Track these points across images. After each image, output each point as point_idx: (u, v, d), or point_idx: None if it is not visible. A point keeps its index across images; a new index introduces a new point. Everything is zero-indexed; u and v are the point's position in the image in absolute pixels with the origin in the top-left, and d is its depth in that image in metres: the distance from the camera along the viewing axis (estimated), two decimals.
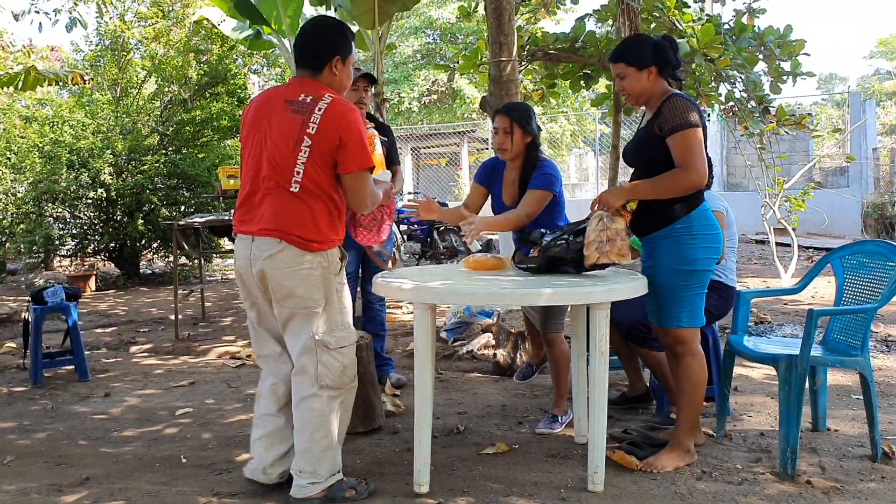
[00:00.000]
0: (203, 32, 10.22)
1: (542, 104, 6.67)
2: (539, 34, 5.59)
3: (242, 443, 3.20)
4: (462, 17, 6.65)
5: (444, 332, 5.25)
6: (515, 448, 3.12)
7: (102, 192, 9.11)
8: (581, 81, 5.70)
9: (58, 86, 6.85)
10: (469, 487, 2.71)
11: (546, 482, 2.74)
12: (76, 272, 10.09)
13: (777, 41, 5.05)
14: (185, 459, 3.10)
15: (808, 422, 3.25)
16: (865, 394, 2.91)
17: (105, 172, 9.04)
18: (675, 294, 2.77)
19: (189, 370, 4.85)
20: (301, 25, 2.65)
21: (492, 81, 4.49)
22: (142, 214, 9.29)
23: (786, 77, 5.18)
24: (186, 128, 10.03)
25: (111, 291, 9.24)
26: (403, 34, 21.58)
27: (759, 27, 5.16)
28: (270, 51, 10.12)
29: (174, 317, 6.12)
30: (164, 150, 9.85)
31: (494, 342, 4.81)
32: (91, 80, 9.77)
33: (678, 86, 2.87)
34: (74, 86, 7.37)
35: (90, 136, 9.36)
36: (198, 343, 5.64)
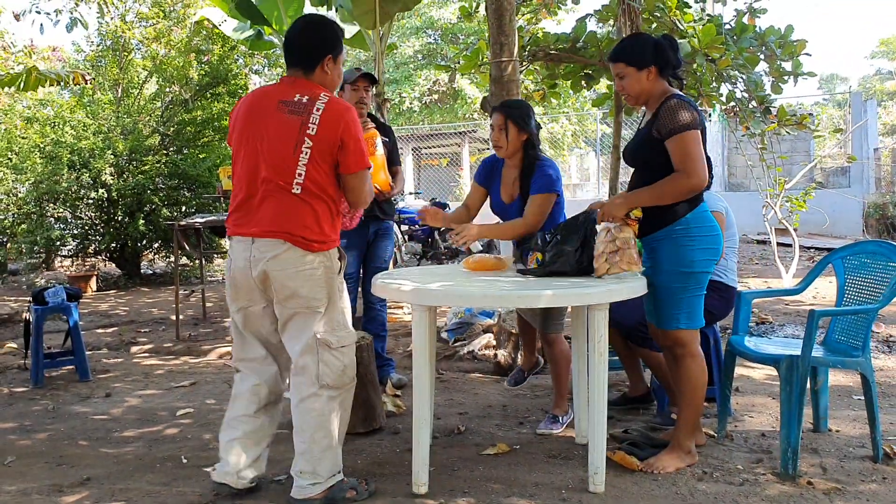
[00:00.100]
0: (204, 33, 10.23)
1: (544, 104, 6.67)
2: (540, 34, 5.59)
3: None
4: (463, 18, 6.65)
5: (445, 333, 5.25)
6: (516, 448, 3.12)
7: (103, 193, 9.12)
8: (582, 82, 5.70)
9: (59, 86, 6.85)
10: (470, 488, 2.71)
11: (547, 483, 2.74)
12: (77, 272, 10.09)
13: (778, 41, 5.04)
14: (186, 460, 3.10)
15: (810, 422, 3.25)
16: (867, 394, 2.91)
17: (106, 173, 9.05)
18: (674, 295, 2.77)
19: (190, 370, 4.85)
20: (290, 25, 2.64)
21: (493, 82, 4.49)
22: (143, 215, 9.29)
23: (787, 77, 5.18)
24: (187, 128, 10.03)
25: (112, 292, 9.25)
26: (404, 34, 21.57)
27: (761, 27, 5.15)
28: (271, 51, 10.13)
29: (175, 317, 6.12)
30: (166, 151, 9.86)
31: (495, 343, 4.81)
32: (92, 81, 9.77)
33: (679, 85, 2.86)
34: (76, 86, 7.37)
35: (91, 137, 9.36)
36: (199, 343, 5.64)
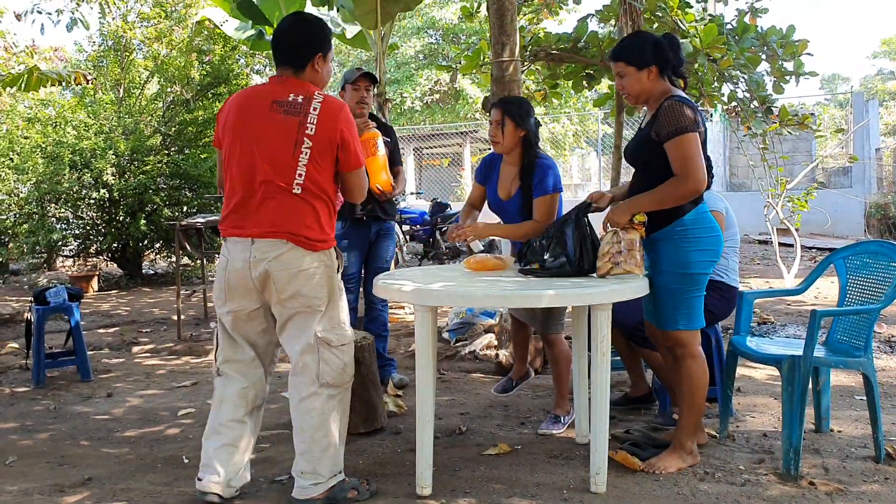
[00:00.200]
0: (205, 33, 10.23)
1: (545, 104, 6.66)
2: (541, 34, 5.59)
3: None
4: (464, 18, 6.64)
5: (447, 333, 5.25)
6: (518, 449, 3.12)
7: (105, 193, 9.13)
8: (583, 82, 5.70)
9: (60, 86, 6.85)
10: (471, 488, 2.71)
11: (548, 483, 2.74)
12: (79, 272, 10.10)
13: (780, 41, 5.03)
14: (188, 460, 3.09)
15: (811, 423, 3.24)
16: (869, 395, 2.91)
17: (108, 173, 9.05)
18: (673, 296, 2.76)
19: (191, 370, 4.85)
20: (279, 23, 2.63)
21: (494, 82, 4.48)
22: (144, 215, 9.29)
23: (789, 77, 5.17)
24: (189, 128, 10.03)
25: (114, 292, 9.25)
26: (406, 34, 21.58)
27: (762, 27, 5.14)
28: (272, 51, 10.14)
29: (176, 317, 6.12)
30: (167, 151, 9.86)
31: (497, 343, 4.81)
32: (93, 81, 9.77)
33: (683, 84, 2.85)
34: (77, 86, 7.37)
35: (93, 137, 9.37)
36: (200, 343, 5.65)
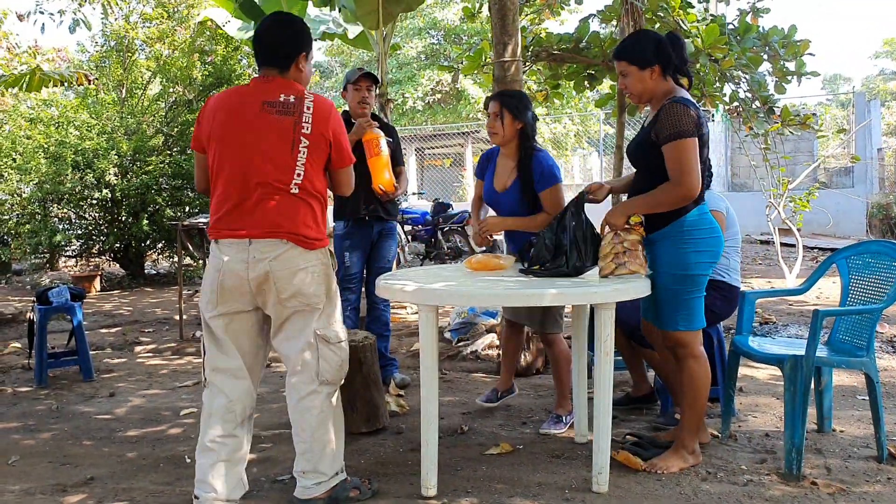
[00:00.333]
0: (208, 33, 10.24)
1: (547, 105, 6.67)
2: (543, 35, 5.59)
3: None
4: (466, 18, 6.65)
5: (449, 333, 5.26)
6: (519, 448, 3.12)
7: (107, 193, 9.14)
8: (585, 82, 5.70)
9: (63, 87, 6.86)
10: (473, 488, 2.71)
11: (550, 483, 2.74)
12: (81, 272, 10.11)
13: (781, 41, 5.03)
14: (190, 459, 3.09)
15: (814, 423, 3.24)
16: (871, 394, 2.91)
17: (110, 173, 9.07)
18: (672, 297, 2.75)
19: (193, 370, 4.85)
20: (260, 23, 2.63)
21: (496, 82, 4.48)
22: (146, 215, 9.31)
23: (790, 77, 5.17)
24: (191, 128, 10.03)
25: (116, 292, 9.27)
26: (408, 35, 21.58)
27: (764, 27, 5.14)
28: None
29: (178, 317, 6.13)
30: (169, 151, 9.87)
31: (498, 342, 4.81)
32: (95, 81, 9.79)
33: (688, 83, 2.85)
34: (79, 86, 7.37)
35: (95, 137, 9.38)
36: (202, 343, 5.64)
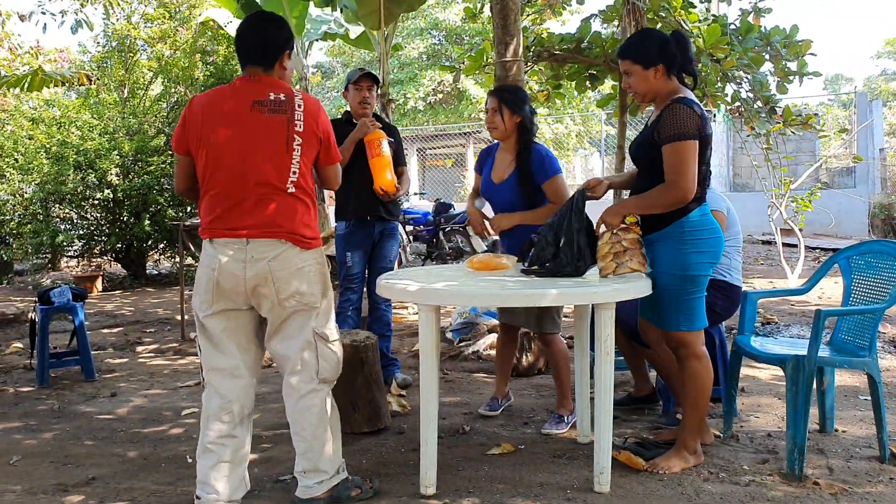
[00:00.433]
0: (209, 33, 10.25)
1: (548, 105, 6.67)
2: (545, 35, 5.59)
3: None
4: (468, 19, 6.65)
5: (450, 333, 5.25)
6: (521, 448, 3.12)
7: (109, 193, 9.15)
8: (587, 82, 5.70)
9: (64, 87, 6.87)
10: (474, 488, 2.71)
11: (552, 483, 2.73)
12: (83, 273, 10.13)
13: (783, 41, 5.03)
14: (191, 459, 3.09)
15: (816, 423, 3.23)
16: (873, 395, 2.90)
17: (112, 173, 9.08)
18: (672, 297, 2.74)
19: (195, 370, 4.85)
20: (242, 23, 2.62)
21: (497, 82, 4.48)
22: (148, 215, 9.31)
23: (792, 77, 5.17)
24: None
25: (118, 292, 9.27)
26: (409, 35, 21.59)
27: (766, 27, 5.14)
28: None
29: (180, 317, 6.13)
30: (171, 151, 9.86)
31: None
32: (97, 81, 9.80)
33: (693, 82, 2.84)
34: (81, 86, 7.39)
35: (97, 137, 9.39)
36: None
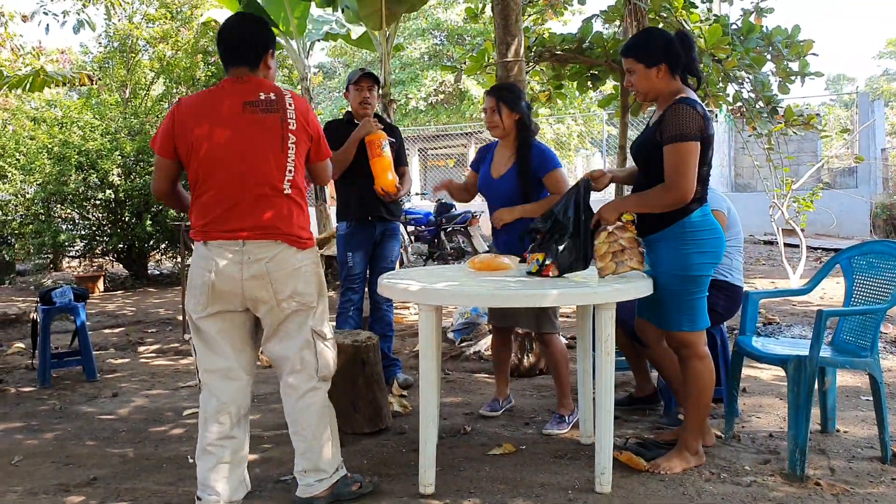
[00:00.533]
0: (211, 34, 10.27)
1: (550, 105, 6.66)
2: (546, 35, 5.58)
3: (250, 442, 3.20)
4: (469, 19, 6.64)
5: (451, 333, 5.26)
6: (522, 449, 3.12)
7: (111, 194, 9.16)
8: (588, 82, 5.69)
9: (66, 87, 6.89)
10: (476, 488, 2.71)
11: (553, 483, 2.73)
12: (85, 273, 10.14)
13: (785, 41, 5.02)
14: (192, 460, 3.09)
15: (817, 423, 3.23)
16: (875, 395, 2.90)
17: (113, 173, 9.09)
18: (673, 297, 2.74)
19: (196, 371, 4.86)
20: (224, 24, 2.62)
21: (499, 82, 4.48)
22: (150, 215, 9.32)
23: (794, 77, 5.16)
24: None
25: (119, 292, 9.28)
26: (411, 36, 21.58)
27: (767, 27, 5.13)
28: (277, 52, 10.17)
29: (182, 317, 6.14)
30: None
31: None
32: (99, 81, 9.81)
33: (697, 82, 2.84)
34: (83, 87, 7.40)
35: (99, 138, 9.40)
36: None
